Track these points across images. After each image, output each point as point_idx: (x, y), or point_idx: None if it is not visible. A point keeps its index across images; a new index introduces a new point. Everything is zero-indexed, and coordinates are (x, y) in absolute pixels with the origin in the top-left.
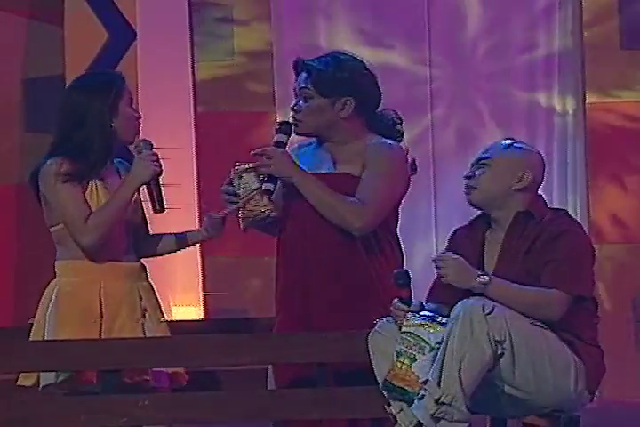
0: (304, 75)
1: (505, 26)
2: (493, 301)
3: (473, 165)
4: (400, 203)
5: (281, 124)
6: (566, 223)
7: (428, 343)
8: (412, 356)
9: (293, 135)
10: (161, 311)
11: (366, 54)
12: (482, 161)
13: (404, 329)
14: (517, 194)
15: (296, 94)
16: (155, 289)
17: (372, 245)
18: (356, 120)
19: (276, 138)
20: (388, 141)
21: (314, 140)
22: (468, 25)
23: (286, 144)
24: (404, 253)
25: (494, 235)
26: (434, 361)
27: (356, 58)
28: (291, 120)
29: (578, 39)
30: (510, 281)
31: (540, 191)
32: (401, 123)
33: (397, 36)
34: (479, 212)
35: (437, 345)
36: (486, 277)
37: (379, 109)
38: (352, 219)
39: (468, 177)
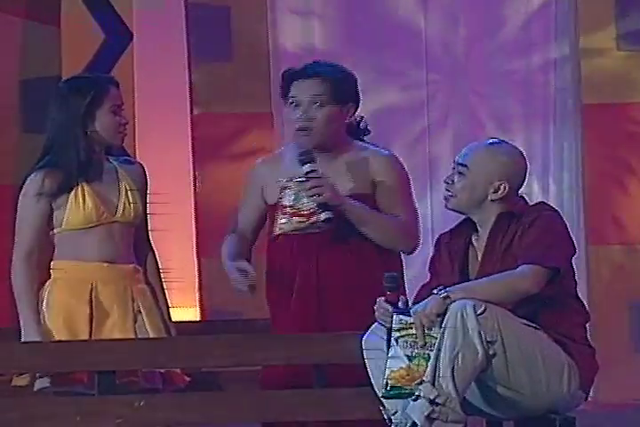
0: (314, 81)
1: (501, 29)
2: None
3: (454, 167)
4: None
5: (302, 154)
6: (537, 211)
7: (434, 337)
8: (427, 355)
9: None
10: (162, 314)
11: (362, 57)
12: (460, 168)
13: (403, 333)
14: (495, 201)
15: (295, 103)
16: (156, 291)
17: (385, 259)
18: (344, 126)
19: (306, 168)
20: (385, 151)
21: (279, 154)
22: (465, 28)
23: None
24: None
25: (480, 237)
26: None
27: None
28: (299, 128)
29: (574, 42)
30: None
31: (536, 193)
32: (362, 119)
33: (393, 39)
34: (464, 216)
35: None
36: (440, 289)
37: None
38: (407, 240)
39: (447, 182)
